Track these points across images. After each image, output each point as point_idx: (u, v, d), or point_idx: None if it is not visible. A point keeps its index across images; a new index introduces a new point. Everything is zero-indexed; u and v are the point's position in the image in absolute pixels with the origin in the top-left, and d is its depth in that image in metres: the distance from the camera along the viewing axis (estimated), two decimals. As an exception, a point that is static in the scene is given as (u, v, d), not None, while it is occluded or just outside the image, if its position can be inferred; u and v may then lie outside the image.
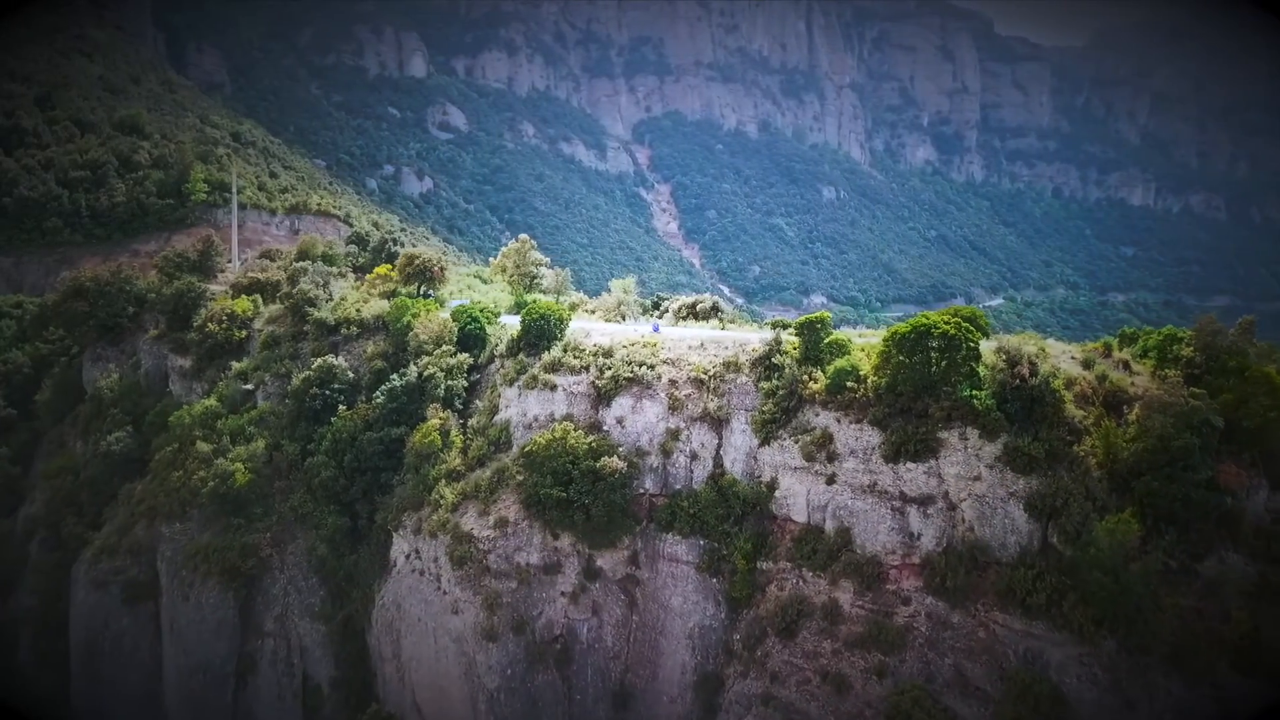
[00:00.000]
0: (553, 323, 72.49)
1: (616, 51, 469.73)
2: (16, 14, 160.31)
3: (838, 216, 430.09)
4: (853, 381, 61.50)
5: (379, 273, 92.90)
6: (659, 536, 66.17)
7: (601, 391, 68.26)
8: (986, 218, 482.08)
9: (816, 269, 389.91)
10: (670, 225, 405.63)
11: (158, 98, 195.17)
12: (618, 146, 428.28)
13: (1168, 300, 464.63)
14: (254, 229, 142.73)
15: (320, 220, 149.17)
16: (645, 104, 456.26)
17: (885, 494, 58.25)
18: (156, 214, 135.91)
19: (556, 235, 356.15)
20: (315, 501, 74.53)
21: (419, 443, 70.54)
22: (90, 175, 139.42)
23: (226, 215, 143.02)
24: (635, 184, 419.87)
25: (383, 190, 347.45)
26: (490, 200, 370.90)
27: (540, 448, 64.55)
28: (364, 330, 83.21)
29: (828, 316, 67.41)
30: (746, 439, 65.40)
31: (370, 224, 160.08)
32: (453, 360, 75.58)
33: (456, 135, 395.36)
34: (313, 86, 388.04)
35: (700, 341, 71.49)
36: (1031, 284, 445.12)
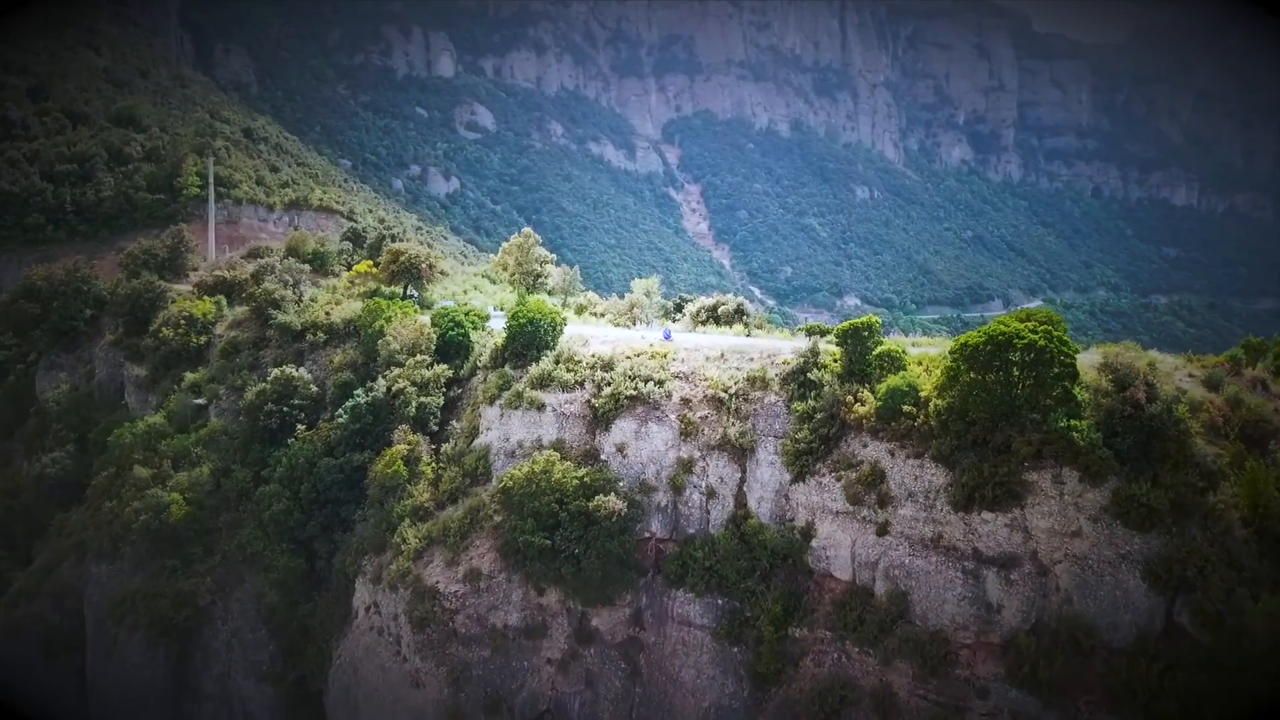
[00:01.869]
0: (543, 328, 59.46)
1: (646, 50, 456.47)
2: (21, 11, 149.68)
3: (871, 217, 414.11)
4: (910, 404, 47.87)
5: (359, 270, 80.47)
6: (667, 593, 52.82)
7: (599, 412, 55.11)
8: (1024, 218, 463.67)
9: (850, 270, 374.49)
10: (700, 226, 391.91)
11: (165, 92, 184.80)
12: (647, 146, 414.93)
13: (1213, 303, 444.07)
14: (250, 225, 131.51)
15: (322, 216, 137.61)
16: (675, 103, 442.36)
17: (954, 551, 44.57)
18: (146, 210, 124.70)
19: (584, 236, 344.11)
20: (266, 539, 62.00)
21: (381, 473, 57.80)
22: (78, 169, 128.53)
23: (221, 210, 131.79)
24: (665, 184, 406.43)
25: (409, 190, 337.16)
26: (517, 201, 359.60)
27: (519, 484, 51.48)
28: (333, 336, 70.67)
29: (876, 322, 53.72)
30: (776, 473, 52.00)
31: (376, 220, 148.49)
32: (428, 373, 62.77)
33: (484, 135, 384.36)
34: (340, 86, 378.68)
35: (720, 351, 58.15)
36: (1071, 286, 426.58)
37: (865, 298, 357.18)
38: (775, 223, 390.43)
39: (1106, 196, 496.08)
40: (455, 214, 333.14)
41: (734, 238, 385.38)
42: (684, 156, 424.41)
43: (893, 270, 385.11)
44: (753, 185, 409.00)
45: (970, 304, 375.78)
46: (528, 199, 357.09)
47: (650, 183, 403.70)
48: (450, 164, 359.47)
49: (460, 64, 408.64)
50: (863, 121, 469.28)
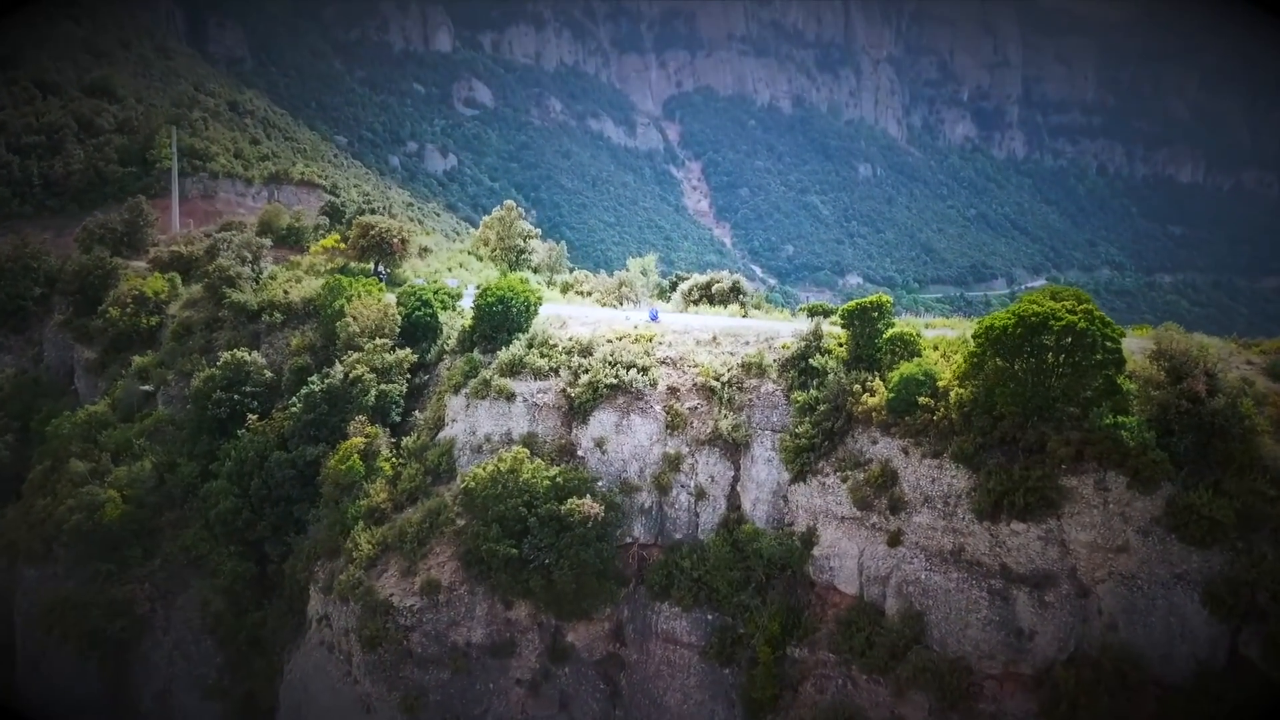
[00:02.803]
0: (515, 309, 52.90)
1: (647, 25, 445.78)
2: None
3: (874, 194, 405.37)
4: (927, 396, 41.37)
5: (324, 245, 73.88)
6: (651, 606, 46.62)
7: (575, 403, 48.66)
8: (1028, 196, 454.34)
9: (852, 248, 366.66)
10: (701, 203, 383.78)
11: (148, 63, 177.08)
12: (647, 123, 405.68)
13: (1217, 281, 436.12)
14: (227, 200, 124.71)
15: (304, 191, 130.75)
16: (676, 79, 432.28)
17: (978, 567, 38.23)
18: (117, 183, 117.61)
19: (583, 213, 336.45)
20: (213, 540, 55.81)
21: (334, 469, 51.46)
22: (46, 141, 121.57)
23: (197, 184, 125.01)
24: (665, 161, 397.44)
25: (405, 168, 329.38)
26: (516, 178, 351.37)
27: (482, 485, 45.08)
28: (291, 317, 64.12)
29: (887, 301, 47.12)
30: (773, 472, 45.65)
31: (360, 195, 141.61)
32: (390, 357, 56.26)
33: (482, 111, 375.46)
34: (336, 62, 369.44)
35: (712, 334, 51.65)
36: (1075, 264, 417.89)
37: (868, 276, 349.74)
38: (777, 200, 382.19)
39: (1111, 174, 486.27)
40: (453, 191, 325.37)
41: (735, 215, 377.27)
42: (685, 133, 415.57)
43: (895, 248, 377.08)
44: (754, 162, 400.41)
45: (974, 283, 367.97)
46: (526, 176, 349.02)
47: (650, 160, 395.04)
48: (448, 141, 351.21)
49: (458, 39, 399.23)
50: (865, 98, 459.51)
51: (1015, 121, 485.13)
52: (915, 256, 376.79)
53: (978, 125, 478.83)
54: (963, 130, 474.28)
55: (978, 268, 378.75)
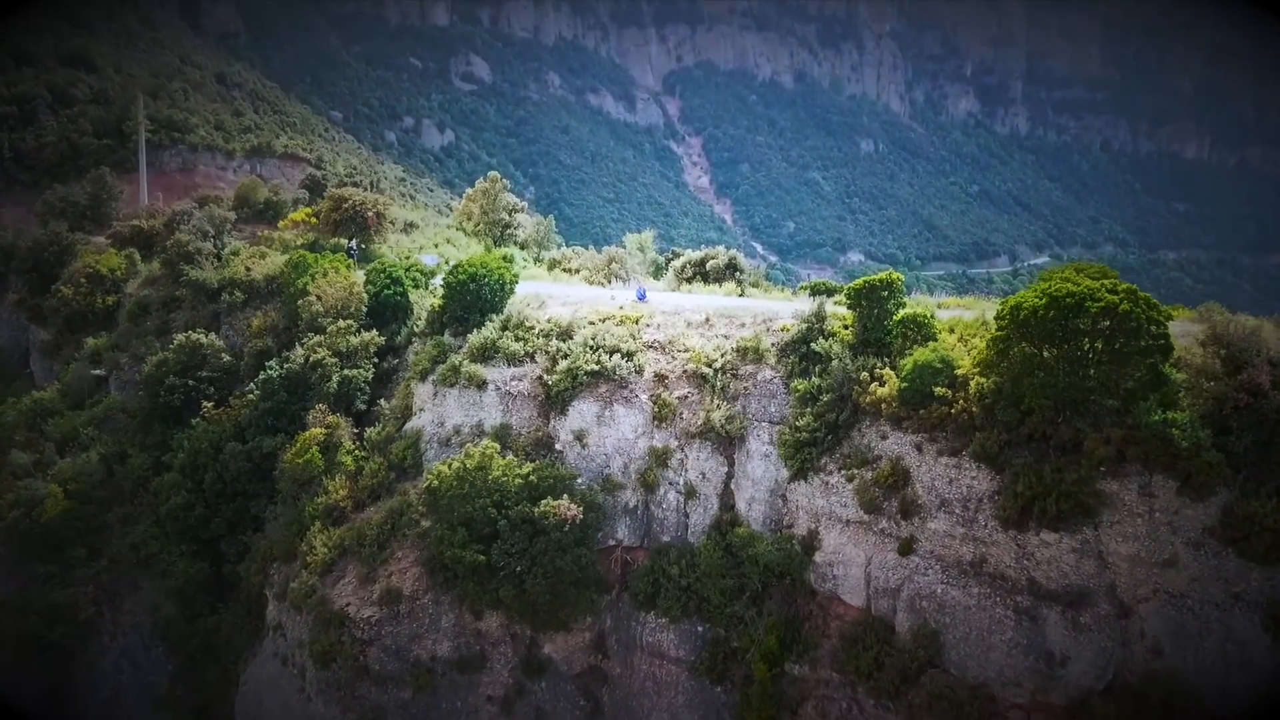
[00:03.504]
0: (488, 287, 47.90)
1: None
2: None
3: (876, 170, 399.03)
4: (944, 386, 36.41)
5: (294, 219, 68.85)
6: (635, 616, 41.96)
7: (553, 392, 43.74)
8: (1031, 172, 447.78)
9: (854, 225, 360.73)
10: (701, 179, 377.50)
11: (132, 35, 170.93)
12: (647, 98, 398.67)
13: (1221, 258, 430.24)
14: (207, 173, 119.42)
15: (287, 165, 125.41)
16: (676, 53, 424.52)
17: (1002, 581, 33.44)
18: (92, 156, 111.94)
19: (582, 189, 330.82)
20: (164, 538, 51.14)
21: (291, 463, 46.64)
22: (18, 111, 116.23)
23: (175, 157, 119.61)
24: (665, 137, 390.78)
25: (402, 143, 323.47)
26: (514, 154, 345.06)
27: (447, 483, 40.21)
28: (253, 296, 59.18)
29: (898, 278, 42.05)
30: (771, 468, 40.84)
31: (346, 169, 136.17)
32: (355, 339, 51.34)
33: (480, 86, 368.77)
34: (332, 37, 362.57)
35: (705, 315, 46.67)
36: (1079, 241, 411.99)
37: (869, 253, 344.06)
38: (778, 176, 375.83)
39: (1115, 150, 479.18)
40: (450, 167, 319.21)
41: (736, 192, 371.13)
42: (685, 108, 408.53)
43: (897, 225, 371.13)
44: (755, 138, 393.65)
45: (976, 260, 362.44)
46: (524, 152, 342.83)
47: (650, 135, 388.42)
48: (445, 116, 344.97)
49: (455, 13, 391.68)
50: (868, 73, 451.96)
51: (1019, 97, 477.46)
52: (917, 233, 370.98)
53: (981, 101, 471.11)
54: (966, 106, 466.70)
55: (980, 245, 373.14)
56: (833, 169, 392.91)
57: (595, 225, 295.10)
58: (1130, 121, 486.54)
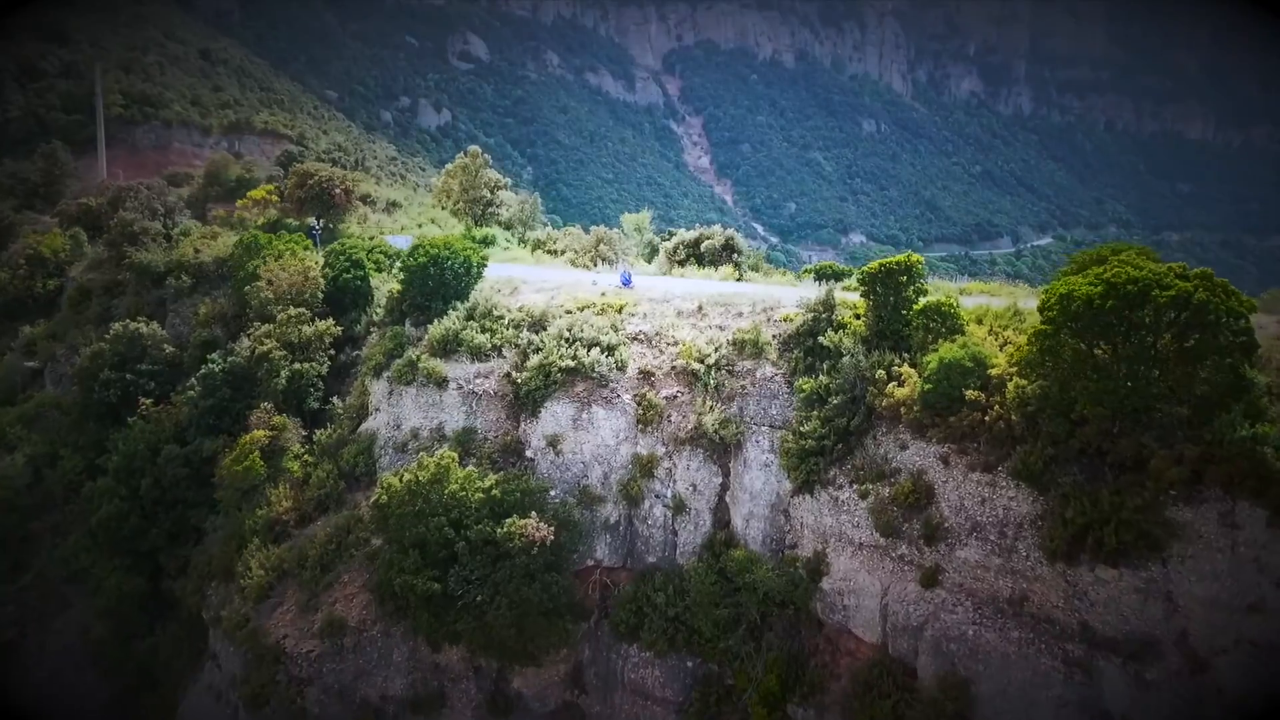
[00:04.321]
0: (452, 271, 42.03)
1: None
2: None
3: (878, 151, 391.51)
4: (975, 388, 30.63)
5: (253, 197, 62.89)
6: (616, 648, 36.37)
7: (523, 391, 37.96)
8: (1035, 152, 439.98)
9: (856, 206, 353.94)
10: (701, 160, 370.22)
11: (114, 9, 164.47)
12: (647, 77, 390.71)
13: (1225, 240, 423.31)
14: (182, 150, 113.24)
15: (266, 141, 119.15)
16: (676, 32, 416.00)
17: (1048, 624, 27.76)
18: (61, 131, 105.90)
19: (580, 170, 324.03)
20: (97, 551, 45.54)
21: (230, 469, 40.97)
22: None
23: (148, 134, 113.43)
24: (665, 116, 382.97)
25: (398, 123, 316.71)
26: (512, 133, 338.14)
27: (398, 498, 34.49)
28: (201, 281, 53.40)
29: (918, 261, 36.10)
30: (771, 480, 35.15)
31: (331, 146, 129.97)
32: (308, 329, 45.55)
33: (477, 65, 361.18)
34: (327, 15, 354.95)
35: (698, 303, 40.87)
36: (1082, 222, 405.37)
37: (871, 234, 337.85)
38: (779, 157, 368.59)
39: (1119, 130, 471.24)
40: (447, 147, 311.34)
41: (736, 172, 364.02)
42: (685, 88, 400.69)
43: (899, 206, 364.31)
44: (756, 118, 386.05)
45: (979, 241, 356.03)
46: (522, 132, 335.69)
47: (650, 115, 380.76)
48: (442, 95, 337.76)
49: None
50: (870, 52, 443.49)
51: (1022, 77, 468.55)
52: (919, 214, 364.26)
53: (984, 80, 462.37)
54: (968, 85, 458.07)
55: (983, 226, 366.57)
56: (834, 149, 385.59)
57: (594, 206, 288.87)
58: (1134, 101, 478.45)
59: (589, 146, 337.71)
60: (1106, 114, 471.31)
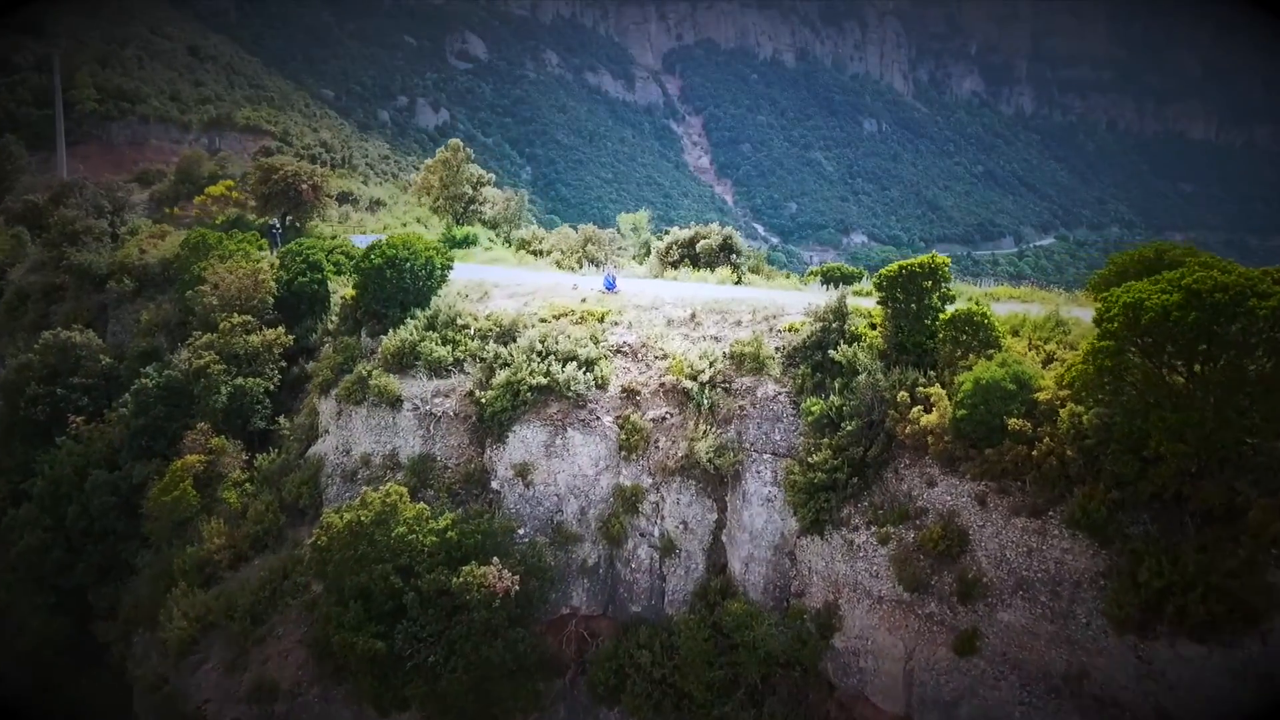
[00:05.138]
0: (412, 274, 36.76)
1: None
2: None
3: (879, 150, 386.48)
4: (1019, 415, 25.33)
5: (211, 193, 57.80)
6: (595, 712, 31.11)
7: (487, 413, 32.67)
8: (1036, 152, 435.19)
9: (857, 206, 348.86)
10: (702, 160, 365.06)
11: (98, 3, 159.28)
12: (647, 76, 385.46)
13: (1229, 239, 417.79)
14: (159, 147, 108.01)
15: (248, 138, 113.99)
16: (676, 31, 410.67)
17: (1115, 708, 22.47)
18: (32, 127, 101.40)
19: (579, 170, 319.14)
20: (18, 587, 40.36)
21: (158, 500, 35.77)
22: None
23: (124, 129, 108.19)
24: (665, 116, 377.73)
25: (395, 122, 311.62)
26: (510, 133, 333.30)
27: (338, 540, 29.24)
28: (145, 285, 48.20)
29: (944, 263, 30.84)
30: (775, 518, 29.94)
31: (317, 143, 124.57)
32: (255, 339, 40.31)
33: (476, 65, 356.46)
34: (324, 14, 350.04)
35: (691, 310, 35.55)
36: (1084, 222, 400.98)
37: (873, 235, 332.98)
38: (780, 157, 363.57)
39: (1121, 130, 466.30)
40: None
41: (737, 172, 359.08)
42: (685, 87, 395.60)
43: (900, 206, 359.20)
44: (756, 118, 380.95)
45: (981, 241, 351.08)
46: (521, 131, 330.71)
47: (650, 114, 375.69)
48: (440, 95, 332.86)
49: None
50: (871, 51, 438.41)
51: (1024, 76, 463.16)
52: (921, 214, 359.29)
53: (985, 80, 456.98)
54: (970, 85, 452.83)
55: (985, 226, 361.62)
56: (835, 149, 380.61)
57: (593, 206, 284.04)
58: (1136, 101, 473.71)
59: (588, 146, 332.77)
60: (1108, 113, 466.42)
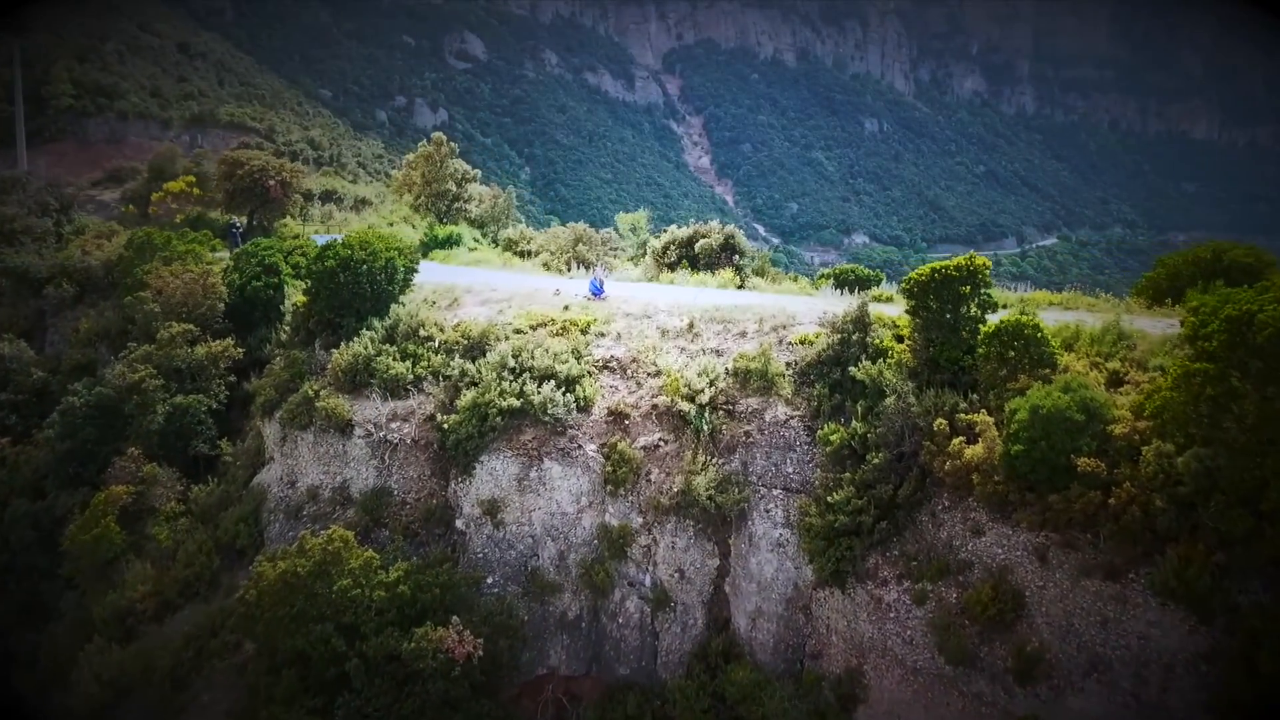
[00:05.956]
0: (369, 278, 31.93)
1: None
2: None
3: (880, 150, 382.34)
4: (1089, 455, 20.47)
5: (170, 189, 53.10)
6: (575, 793, 26.31)
7: (450, 440, 27.85)
8: (1038, 152, 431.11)
9: (858, 206, 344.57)
10: (702, 160, 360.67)
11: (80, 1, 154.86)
12: (647, 76, 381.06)
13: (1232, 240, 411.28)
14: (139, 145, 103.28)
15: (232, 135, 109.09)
16: (676, 31, 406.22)
17: (1225, 830, 17.60)
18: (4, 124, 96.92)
19: (579, 170, 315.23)
20: (-69, 631, 35.60)
21: (76, 539, 30.94)
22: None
23: (101, 126, 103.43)
24: (665, 116, 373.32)
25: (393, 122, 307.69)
26: (509, 133, 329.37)
27: (271, 592, 24.42)
28: (87, 290, 43.43)
29: (984, 265, 25.98)
30: (787, 566, 25.22)
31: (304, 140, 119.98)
32: (199, 351, 35.51)
33: (475, 64, 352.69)
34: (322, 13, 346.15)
35: (688, 319, 30.73)
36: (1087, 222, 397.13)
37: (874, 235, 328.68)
38: (780, 157, 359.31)
39: (1124, 130, 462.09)
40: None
41: (737, 172, 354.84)
42: (685, 87, 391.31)
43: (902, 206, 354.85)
44: (757, 117, 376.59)
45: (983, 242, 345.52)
46: (520, 131, 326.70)
47: (650, 114, 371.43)
48: (438, 94, 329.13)
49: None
50: (872, 51, 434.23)
51: (1025, 76, 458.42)
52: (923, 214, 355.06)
53: (987, 80, 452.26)
54: (971, 85, 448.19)
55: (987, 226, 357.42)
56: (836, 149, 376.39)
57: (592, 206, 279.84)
58: (1139, 100, 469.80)
59: (588, 146, 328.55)
60: (1110, 113, 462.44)
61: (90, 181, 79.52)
